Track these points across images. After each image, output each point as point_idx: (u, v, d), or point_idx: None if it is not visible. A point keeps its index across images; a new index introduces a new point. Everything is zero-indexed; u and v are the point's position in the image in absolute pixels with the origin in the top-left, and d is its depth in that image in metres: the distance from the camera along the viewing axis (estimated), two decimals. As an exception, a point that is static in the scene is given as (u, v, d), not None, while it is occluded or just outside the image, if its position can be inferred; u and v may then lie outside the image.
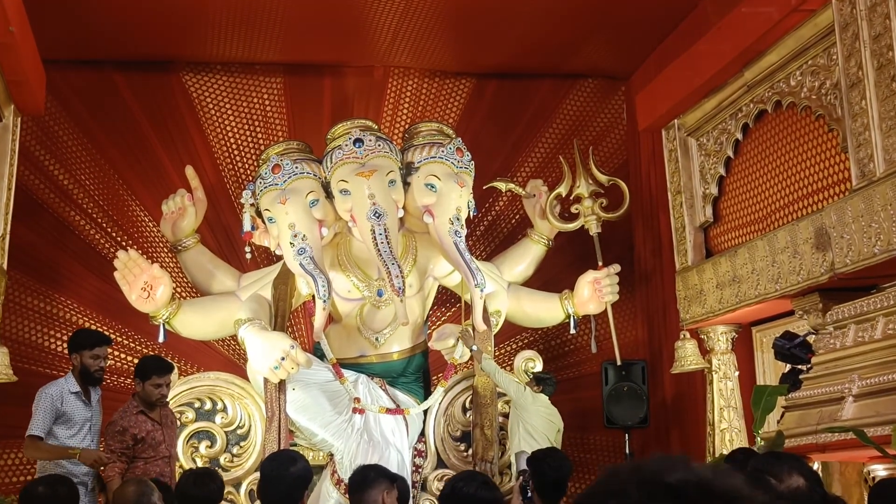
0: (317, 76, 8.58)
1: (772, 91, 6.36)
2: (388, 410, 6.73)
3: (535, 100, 8.82)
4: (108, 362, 7.62)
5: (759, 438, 5.87)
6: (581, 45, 8.21)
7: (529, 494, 4.28)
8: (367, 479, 3.90)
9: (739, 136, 6.79)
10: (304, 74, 8.55)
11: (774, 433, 5.51)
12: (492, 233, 8.67)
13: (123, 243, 7.85)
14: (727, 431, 7.07)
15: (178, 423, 6.73)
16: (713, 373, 7.23)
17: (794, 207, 6.23)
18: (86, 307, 7.98)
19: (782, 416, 5.87)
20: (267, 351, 6.36)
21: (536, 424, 6.59)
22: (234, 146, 8.44)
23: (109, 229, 8.13)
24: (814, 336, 5.94)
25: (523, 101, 8.80)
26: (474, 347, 6.79)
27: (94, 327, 7.90)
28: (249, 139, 8.46)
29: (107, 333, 6.62)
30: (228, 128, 8.45)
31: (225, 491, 6.76)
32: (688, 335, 7.25)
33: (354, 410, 6.69)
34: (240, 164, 8.42)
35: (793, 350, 6.01)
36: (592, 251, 7.41)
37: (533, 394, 6.68)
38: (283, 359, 6.29)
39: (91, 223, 8.10)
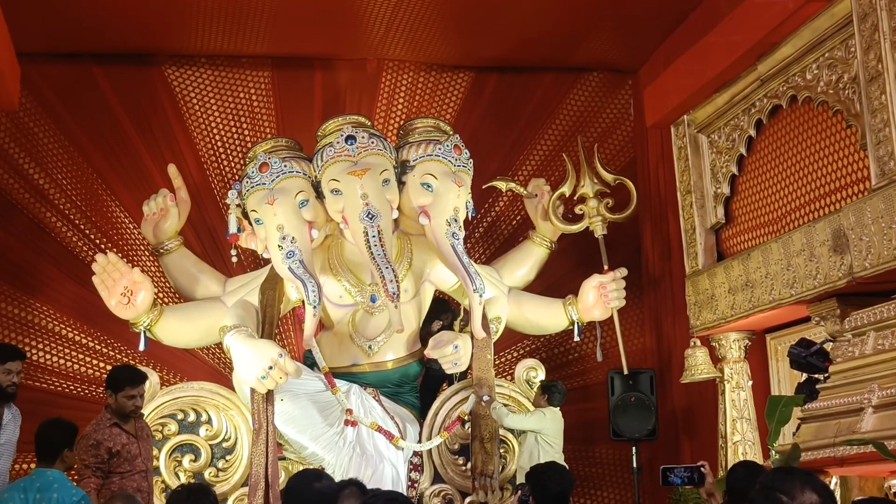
0: (307, 70, 8.57)
1: (787, 85, 6.35)
2: (380, 429, 6.68)
3: (536, 94, 8.81)
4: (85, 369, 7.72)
5: (773, 451, 5.87)
6: (586, 36, 8.21)
7: (529, 508, 4.29)
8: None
9: (753, 132, 6.78)
10: (294, 68, 8.55)
11: (790, 446, 5.52)
12: (491, 235, 8.65)
13: (102, 246, 7.86)
14: (740, 444, 7.07)
15: (161, 435, 6.73)
16: (725, 382, 7.23)
17: (810, 208, 6.22)
18: (63, 313, 7.97)
19: (798, 428, 5.87)
20: (254, 359, 6.30)
21: (555, 436, 6.62)
22: (219, 144, 8.42)
23: (88, 231, 8.12)
24: (831, 344, 5.95)
25: (524, 95, 8.77)
26: (486, 397, 6.74)
27: (71, 334, 7.95)
28: (235, 136, 8.44)
29: (19, 349, 6.43)
30: (213, 124, 8.44)
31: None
32: (698, 343, 7.24)
33: (346, 422, 6.65)
34: (225, 163, 8.40)
35: (809, 358, 6.02)
36: (597, 254, 7.35)
37: (550, 411, 6.66)
38: (270, 368, 6.23)
39: (68, 225, 8.09)
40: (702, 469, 4.30)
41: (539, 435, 6.61)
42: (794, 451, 5.40)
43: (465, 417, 6.89)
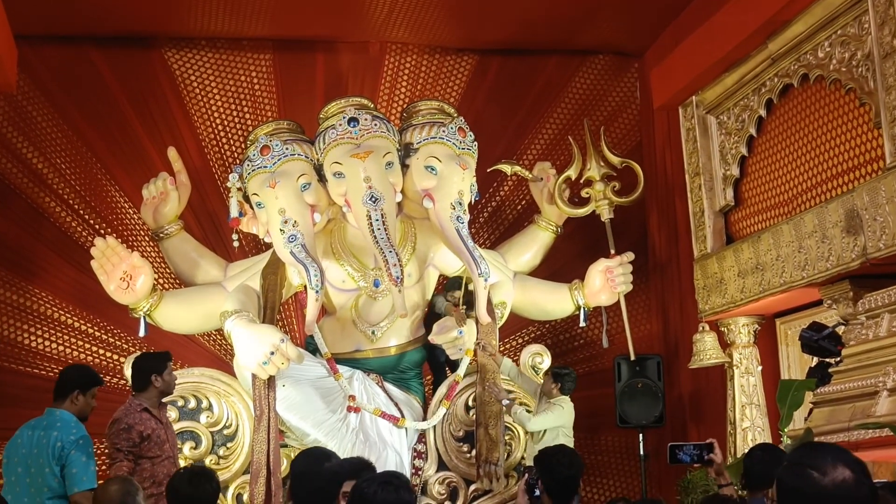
0: (308, 52, 8.46)
1: (798, 64, 6.24)
2: (384, 415, 6.60)
3: (541, 78, 8.70)
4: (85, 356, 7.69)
5: (785, 437, 5.76)
6: (591, 18, 8.10)
7: (538, 493, 4.15)
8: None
9: (763, 112, 6.67)
10: (295, 50, 8.43)
11: (803, 431, 5.41)
12: (496, 219, 8.55)
13: (102, 231, 7.73)
14: (749, 430, 6.98)
15: None
16: (734, 368, 7.12)
17: (822, 188, 6.11)
18: (62, 300, 7.86)
19: (810, 412, 5.77)
20: (255, 345, 6.23)
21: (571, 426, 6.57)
22: (220, 127, 8.31)
23: (87, 216, 8.00)
24: (844, 327, 5.85)
25: (529, 79, 8.67)
26: (506, 401, 6.62)
27: (70, 321, 7.84)
28: (236, 120, 8.33)
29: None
30: (214, 108, 8.33)
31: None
32: (707, 327, 7.14)
33: (349, 409, 6.57)
34: (226, 147, 8.29)
35: (821, 342, 5.92)
36: (604, 238, 7.27)
37: (567, 403, 6.57)
38: (272, 353, 6.16)
39: (67, 209, 7.97)
40: (712, 446, 4.15)
41: (561, 428, 6.49)
42: (806, 436, 5.30)
43: (460, 380, 6.85)
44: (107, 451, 5.65)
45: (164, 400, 6.66)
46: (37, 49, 7.96)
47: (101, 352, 7.85)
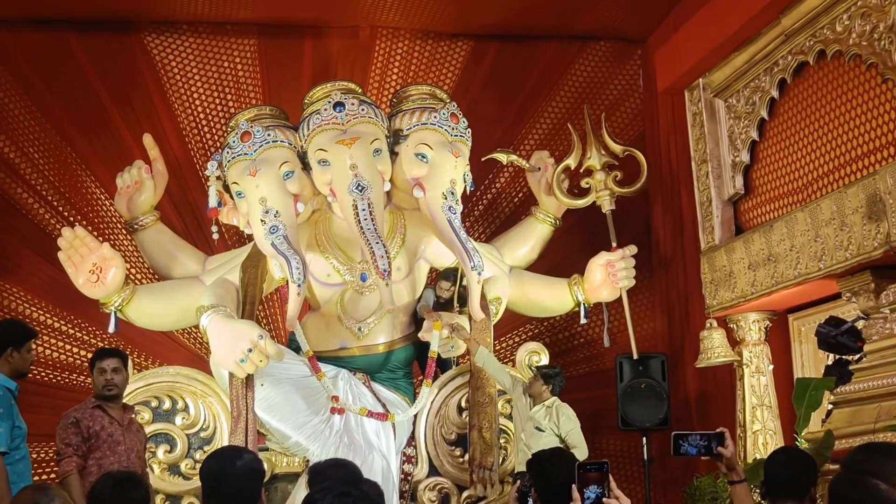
0: (295, 37, 8.11)
1: (814, 39, 5.86)
2: (371, 413, 6.25)
3: (539, 64, 8.37)
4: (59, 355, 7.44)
5: (801, 440, 5.32)
6: (591, 3, 7.79)
7: (531, 502, 3.69)
8: None
9: (775, 93, 6.31)
10: (282, 35, 8.09)
11: (822, 433, 4.98)
12: (492, 212, 8.24)
13: (76, 224, 7.28)
14: (760, 433, 6.61)
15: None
16: (744, 367, 6.76)
17: (841, 173, 5.73)
18: (34, 296, 7.51)
19: (829, 414, 5.37)
20: (232, 341, 5.87)
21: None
22: (201, 116, 7.98)
23: (61, 208, 7.66)
24: (864, 321, 5.45)
25: (527, 65, 8.34)
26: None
27: (44, 318, 7.52)
28: (219, 108, 8.00)
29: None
30: (196, 95, 7.99)
31: (186, 503, 6.31)
32: (715, 324, 6.81)
33: (332, 410, 6.21)
34: (208, 136, 7.95)
35: (839, 338, 5.57)
36: (605, 231, 6.95)
37: (565, 408, 6.21)
38: (250, 350, 5.80)
39: (40, 201, 7.62)
40: (722, 436, 3.61)
41: (567, 436, 6.05)
42: (826, 439, 4.90)
43: (435, 356, 6.51)
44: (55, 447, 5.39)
45: (138, 400, 6.37)
46: (11, 32, 7.65)
47: (76, 351, 7.48)
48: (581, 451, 5.99)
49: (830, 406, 5.42)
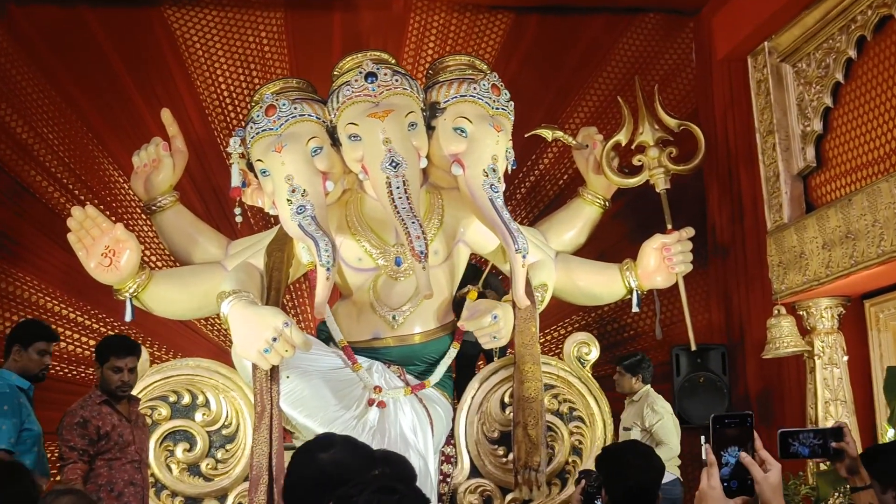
0: (324, 10, 7.80)
1: (899, -11, 5.29)
2: (413, 389, 5.91)
3: (584, 39, 7.99)
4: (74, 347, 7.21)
5: (893, 434, 4.77)
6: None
7: (599, 504, 3.14)
8: None
9: (853, 53, 5.81)
10: (309, 8, 7.81)
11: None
12: (536, 195, 7.85)
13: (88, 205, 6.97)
14: (834, 431, 5.96)
15: (150, 420, 5.87)
16: (815, 358, 6.27)
17: (934, 136, 5.16)
18: (48, 284, 7.23)
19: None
20: (255, 329, 5.39)
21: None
22: (225, 93, 7.71)
23: (76, 191, 7.38)
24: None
25: (571, 39, 7.96)
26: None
27: (58, 307, 7.25)
28: (244, 85, 7.71)
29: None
30: (219, 72, 7.72)
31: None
32: (783, 310, 6.34)
33: (371, 402, 5.77)
34: (231, 114, 7.66)
35: None
36: (659, 212, 6.43)
37: (659, 399, 5.87)
38: (274, 339, 5.31)
39: (54, 184, 7.35)
40: (841, 432, 2.97)
41: (654, 431, 5.57)
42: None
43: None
44: (57, 450, 5.05)
45: (155, 395, 5.96)
46: (24, 7, 7.39)
47: (92, 343, 7.08)
48: (666, 450, 5.46)
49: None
